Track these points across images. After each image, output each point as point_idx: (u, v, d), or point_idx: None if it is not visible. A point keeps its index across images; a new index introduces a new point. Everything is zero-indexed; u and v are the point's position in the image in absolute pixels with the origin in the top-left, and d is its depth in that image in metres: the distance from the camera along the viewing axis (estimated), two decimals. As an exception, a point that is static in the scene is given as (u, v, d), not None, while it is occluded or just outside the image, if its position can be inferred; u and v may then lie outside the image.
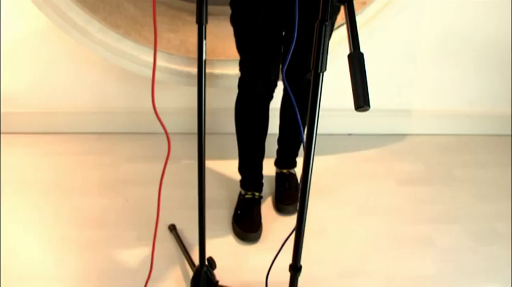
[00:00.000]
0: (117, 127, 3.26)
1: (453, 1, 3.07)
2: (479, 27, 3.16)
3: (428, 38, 3.16)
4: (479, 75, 3.32)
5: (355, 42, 1.12)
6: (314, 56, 1.31)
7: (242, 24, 2.24)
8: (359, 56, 1.10)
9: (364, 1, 2.76)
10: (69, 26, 2.71)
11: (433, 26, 3.13)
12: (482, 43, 3.21)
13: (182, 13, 3.03)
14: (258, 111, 2.47)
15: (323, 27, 1.29)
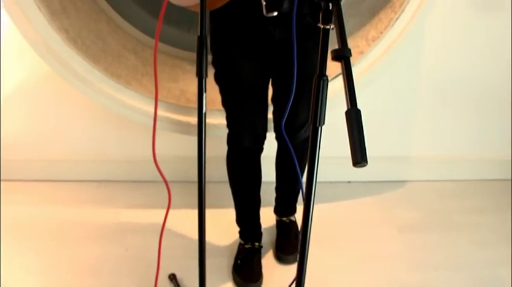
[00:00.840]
0: (117, 175, 3.27)
1: (451, 47, 3.11)
2: (476, 72, 3.19)
3: (425, 84, 3.19)
4: (476, 120, 3.35)
5: (352, 99, 1.13)
6: (313, 110, 1.33)
7: (226, 82, 2.27)
8: (356, 113, 1.11)
9: (361, 50, 2.80)
10: (70, 75, 2.75)
11: (431, 73, 3.17)
12: (480, 88, 3.25)
13: (182, 61, 3.07)
14: (249, 165, 2.49)
15: (321, 82, 1.32)
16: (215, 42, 2.20)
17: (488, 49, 3.16)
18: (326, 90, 1.36)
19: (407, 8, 2.78)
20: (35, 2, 2.68)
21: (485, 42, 3.15)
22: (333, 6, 1.25)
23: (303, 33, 1.93)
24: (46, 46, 2.73)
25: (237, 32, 2.16)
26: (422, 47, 3.09)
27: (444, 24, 3.05)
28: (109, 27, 3.06)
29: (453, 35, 3.11)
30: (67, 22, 2.78)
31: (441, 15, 2.99)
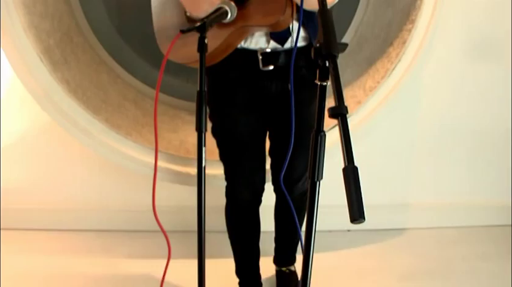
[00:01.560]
0: (116, 224, 3.27)
1: (447, 95, 3.14)
2: (473, 119, 3.22)
3: (423, 132, 3.21)
4: (474, 165, 3.35)
5: (349, 156, 1.14)
6: (311, 165, 1.34)
7: (223, 137, 2.29)
8: (353, 170, 1.12)
9: (359, 100, 2.83)
10: (70, 125, 2.77)
11: (428, 120, 3.19)
12: (477, 134, 3.26)
13: (181, 112, 3.11)
14: (248, 217, 2.50)
15: (318, 137, 1.33)
16: (211, 96, 2.22)
17: (484, 96, 3.19)
18: (324, 145, 1.38)
19: (403, 59, 2.83)
20: (37, 53, 2.74)
21: (480, 90, 3.18)
22: (329, 63, 1.28)
23: (299, 85, 1.97)
24: (47, 96, 2.77)
25: (234, 86, 2.19)
26: (419, 96, 3.12)
27: (439, 73, 3.09)
28: (110, 78, 3.10)
29: (448, 83, 3.14)
30: (68, 73, 2.82)
31: (436, 65, 3.04)
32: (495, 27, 3.08)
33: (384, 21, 3.09)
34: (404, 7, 2.94)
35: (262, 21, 2.00)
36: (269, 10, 1.97)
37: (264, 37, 2.11)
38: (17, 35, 2.72)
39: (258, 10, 1.99)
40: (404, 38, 2.85)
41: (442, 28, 2.95)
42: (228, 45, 2.05)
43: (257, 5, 1.99)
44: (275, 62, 2.09)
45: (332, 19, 1.32)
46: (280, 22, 1.97)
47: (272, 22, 1.98)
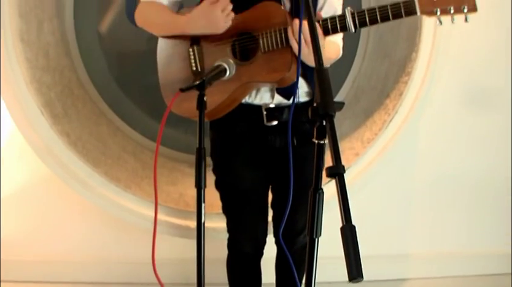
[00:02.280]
0: (116, 277, 3.24)
1: (445, 145, 3.16)
2: (470, 168, 3.23)
3: (421, 182, 3.22)
4: (473, 214, 3.35)
5: (347, 215, 1.16)
6: (309, 222, 1.35)
7: (226, 190, 2.31)
8: (351, 229, 1.14)
9: (357, 152, 2.85)
10: (70, 178, 2.79)
11: (426, 170, 3.20)
12: (475, 183, 3.27)
13: (181, 164, 3.12)
14: (249, 269, 2.48)
15: (316, 195, 1.35)
16: (215, 150, 2.25)
17: (482, 146, 3.21)
18: (322, 203, 1.39)
19: (400, 110, 2.86)
20: (38, 106, 2.77)
21: (478, 139, 3.20)
22: (326, 122, 1.30)
23: (302, 140, 1.99)
24: (48, 149, 2.79)
25: (238, 140, 2.21)
26: (416, 147, 3.14)
27: (436, 123, 3.12)
28: (109, 130, 3.13)
29: (446, 134, 3.17)
30: (68, 126, 2.85)
31: (433, 115, 3.06)
32: (491, 76, 3.13)
33: (381, 73, 3.13)
34: (400, 59, 2.99)
35: (268, 77, 2.04)
36: (275, 67, 2.01)
37: (269, 93, 2.15)
38: (19, 88, 2.76)
39: (263, 67, 2.03)
40: (400, 90, 2.89)
41: (438, 79, 2.98)
42: (233, 100, 2.10)
43: (263, 61, 2.03)
44: (279, 118, 2.13)
45: (329, 78, 1.35)
46: (285, 78, 2.01)
47: (278, 79, 2.02)
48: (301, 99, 2.17)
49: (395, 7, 1.90)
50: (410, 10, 1.90)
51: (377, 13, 1.91)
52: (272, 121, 2.13)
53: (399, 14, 1.91)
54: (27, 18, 2.78)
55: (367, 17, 1.92)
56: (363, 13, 1.93)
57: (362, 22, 1.93)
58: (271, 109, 2.14)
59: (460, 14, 1.88)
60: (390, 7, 1.90)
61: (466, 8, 1.86)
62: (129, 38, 3.39)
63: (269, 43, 2.01)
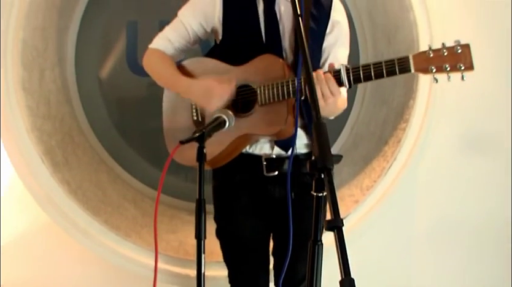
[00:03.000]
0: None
1: (444, 192, 3.16)
2: (470, 214, 3.21)
3: (421, 228, 3.20)
4: (473, 259, 3.32)
5: (346, 268, 1.17)
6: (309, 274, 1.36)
7: (227, 239, 2.31)
8: (350, 283, 1.14)
9: (356, 199, 2.86)
10: (70, 226, 2.79)
11: (425, 216, 3.19)
12: (475, 230, 3.25)
13: (181, 212, 3.12)
14: None
15: (315, 247, 1.36)
16: (216, 199, 2.27)
17: (482, 191, 3.20)
18: (321, 255, 1.40)
19: (398, 157, 2.88)
20: (38, 154, 2.79)
21: (477, 184, 3.19)
22: (324, 176, 1.32)
23: (303, 191, 2.00)
24: (48, 197, 2.80)
25: (238, 190, 2.23)
26: (415, 193, 3.14)
27: (435, 170, 3.12)
28: (109, 177, 3.15)
29: (445, 179, 3.16)
30: (68, 174, 2.87)
31: (432, 161, 3.07)
32: (489, 121, 3.14)
33: (379, 119, 3.16)
34: (397, 106, 3.02)
35: (265, 130, 2.08)
36: (272, 120, 2.05)
37: (269, 143, 2.18)
38: (20, 136, 2.78)
39: (261, 120, 2.07)
40: (399, 137, 2.91)
41: (435, 125, 3.00)
42: (232, 150, 2.13)
43: (260, 114, 2.07)
44: (279, 169, 2.14)
45: (326, 132, 1.37)
46: (282, 132, 2.04)
47: (274, 132, 2.06)
48: (301, 151, 2.20)
49: (390, 64, 1.91)
50: (404, 67, 1.90)
51: (371, 70, 1.92)
52: (272, 171, 2.15)
53: (393, 71, 1.91)
54: (29, 66, 2.82)
55: (361, 74, 1.93)
56: (357, 69, 1.94)
57: (356, 79, 1.95)
58: (271, 159, 2.16)
59: (456, 72, 1.88)
60: (384, 63, 1.91)
61: (463, 66, 1.87)
62: (129, 85, 3.43)
63: (266, 96, 2.04)
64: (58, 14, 3.01)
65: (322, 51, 2.23)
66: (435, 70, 1.89)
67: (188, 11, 2.28)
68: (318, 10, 2.19)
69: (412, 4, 2.90)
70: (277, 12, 2.18)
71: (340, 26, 2.25)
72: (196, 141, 1.64)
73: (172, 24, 2.31)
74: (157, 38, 2.32)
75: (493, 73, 3.10)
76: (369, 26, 3.30)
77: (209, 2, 2.23)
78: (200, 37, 2.30)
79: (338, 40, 2.25)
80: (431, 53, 1.89)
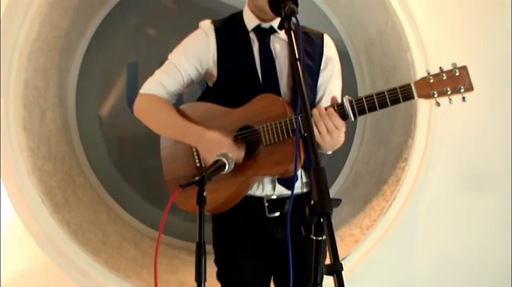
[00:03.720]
0: None
1: (444, 230, 3.15)
2: (471, 252, 3.20)
3: (421, 267, 3.19)
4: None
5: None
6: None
7: (228, 282, 2.27)
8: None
9: (357, 239, 2.86)
10: (70, 267, 2.78)
11: (425, 255, 3.17)
12: (476, 268, 3.24)
13: (180, 252, 3.11)
14: None
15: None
16: (217, 241, 2.25)
17: (482, 229, 3.19)
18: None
19: (398, 197, 2.89)
20: (39, 195, 2.79)
21: (477, 222, 3.19)
22: (324, 220, 1.32)
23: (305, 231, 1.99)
24: (47, 238, 2.80)
25: (239, 232, 2.21)
26: (415, 232, 3.13)
27: (435, 208, 3.12)
28: (109, 218, 3.14)
29: (444, 218, 3.16)
30: (68, 214, 2.87)
31: (431, 200, 3.07)
32: (488, 159, 3.14)
33: (378, 159, 3.17)
34: (396, 146, 3.04)
35: (272, 170, 2.07)
36: (278, 160, 2.04)
37: (271, 184, 2.18)
38: (20, 176, 2.79)
39: (266, 160, 2.06)
40: (398, 176, 2.93)
41: (434, 164, 3.01)
42: (238, 194, 2.12)
43: (265, 154, 2.06)
44: (281, 209, 2.14)
45: (325, 176, 1.38)
46: (289, 170, 2.02)
47: (282, 171, 2.05)
48: (302, 190, 2.20)
49: (393, 93, 1.92)
50: (407, 94, 1.92)
51: (375, 100, 1.93)
52: (274, 212, 2.14)
53: (397, 99, 1.93)
54: (30, 107, 2.84)
55: (365, 105, 1.95)
56: (361, 100, 1.95)
57: (361, 110, 1.96)
58: (272, 200, 2.16)
59: (457, 94, 1.91)
60: (387, 93, 1.92)
61: (463, 88, 1.90)
62: (129, 125, 3.45)
63: (270, 137, 2.04)
64: (60, 55, 3.04)
65: (318, 88, 2.24)
66: (437, 94, 1.92)
67: (180, 54, 2.25)
68: (312, 46, 2.21)
69: (409, 45, 2.94)
70: (273, 51, 2.18)
71: (333, 62, 2.26)
72: (196, 185, 1.64)
73: (164, 68, 2.27)
74: (148, 83, 2.27)
75: (491, 111, 3.12)
76: (367, 66, 3.34)
77: (202, 44, 2.21)
78: (193, 80, 2.27)
79: (332, 75, 2.25)
80: (431, 78, 1.93)
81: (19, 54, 2.78)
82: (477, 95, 2.90)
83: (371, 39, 3.19)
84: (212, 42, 2.19)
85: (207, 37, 2.20)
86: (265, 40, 2.18)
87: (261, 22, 2.18)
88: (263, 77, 2.16)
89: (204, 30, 2.23)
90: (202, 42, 2.21)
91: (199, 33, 2.25)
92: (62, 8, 2.88)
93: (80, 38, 3.27)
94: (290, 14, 1.75)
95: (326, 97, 2.21)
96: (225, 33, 2.20)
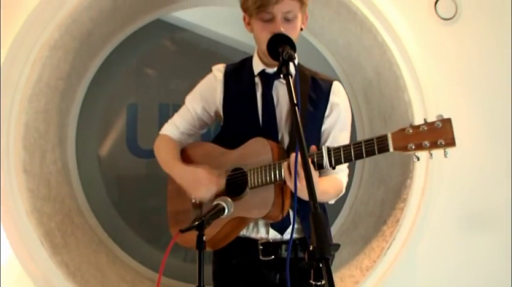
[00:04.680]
0: None
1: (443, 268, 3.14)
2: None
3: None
4: None
5: None
6: None
7: None
8: None
9: (357, 280, 2.85)
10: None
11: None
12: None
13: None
14: None
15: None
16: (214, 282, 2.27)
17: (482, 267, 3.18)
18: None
19: (397, 237, 2.89)
20: (38, 236, 2.78)
21: (477, 260, 3.18)
22: (323, 265, 1.33)
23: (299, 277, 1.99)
24: (46, 279, 2.79)
25: (236, 274, 2.22)
26: (416, 272, 3.12)
27: (435, 248, 3.12)
28: (108, 259, 3.13)
29: (445, 257, 3.15)
30: (67, 256, 2.86)
31: (431, 240, 3.07)
32: (487, 197, 3.16)
33: (377, 199, 3.18)
34: (395, 186, 3.05)
35: (254, 213, 2.09)
36: (260, 203, 2.06)
37: (265, 227, 2.19)
38: (19, 218, 2.79)
39: (250, 202, 2.09)
40: (397, 216, 2.93)
41: (433, 204, 3.02)
42: (229, 232, 2.14)
43: (250, 197, 2.09)
44: (275, 253, 2.14)
45: (324, 221, 1.39)
46: (270, 214, 2.04)
47: (261, 215, 2.06)
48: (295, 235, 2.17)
49: (369, 144, 1.87)
50: (383, 146, 1.84)
51: (351, 151, 1.91)
52: (268, 256, 2.15)
53: (372, 151, 1.87)
54: (30, 149, 2.85)
55: (342, 154, 1.93)
56: (338, 150, 1.94)
57: (337, 160, 1.94)
58: (267, 244, 2.16)
59: (437, 149, 1.77)
60: (364, 143, 1.88)
61: (443, 142, 1.74)
62: (128, 166, 3.47)
63: (255, 180, 2.07)
64: (60, 96, 3.06)
65: (321, 134, 2.25)
66: (414, 147, 1.78)
67: (192, 97, 2.39)
68: (316, 93, 2.23)
69: (406, 85, 2.97)
70: (275, 96, 2.22)
71: (339, 109, 2.27)
72: (195, 230, 1.65)
73: (180, 110, 2.42)
74: (166, 125, 2.43)
75: (490, 149, 3.14)
76: (365, 106, 3.37)
77: (210, 87, 2.32)
78: (205, 121, 2.40)
79: (337, 122, 2.27)
80: (410, 129, 1.80)
81: (21, 96, 2.80)
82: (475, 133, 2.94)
83: (368, 80, 3.22)
84: (220, 84, 2.29)
85: (216, 80, 2.31)
86: (268, 85, 2.23)
87: (266, 67, 2.23)
88: (263, 121, 2.20)
89: (214, 73, 2.34)
90: (211, 84, 2.33)
91: (209, 76, 2.37)
92: (64, 51, 2.91)
93: (81, 80, 3.30)
94: (288, 59, 1.77)
95: (330, 143, 2.22)
96: (233, 76, 2.29)
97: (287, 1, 2.04)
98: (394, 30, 3.03)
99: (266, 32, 2.04)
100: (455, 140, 1.74)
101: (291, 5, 2.06)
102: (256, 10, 2.07)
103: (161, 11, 3.38)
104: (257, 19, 2.10)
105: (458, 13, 3.16)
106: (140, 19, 3.34)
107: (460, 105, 3.09)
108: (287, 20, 2.07)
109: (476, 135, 3.09)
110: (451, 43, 3.16)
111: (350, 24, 3.09)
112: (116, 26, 3.21)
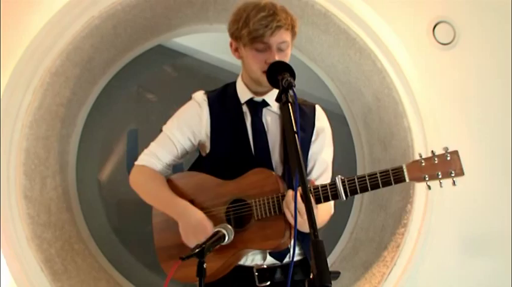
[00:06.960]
0: None
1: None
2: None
3: None
4: None
5: None
6: None
7: None
8: None
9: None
10: None
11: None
12: None
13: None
14: None
15: None
16: None
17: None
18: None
19: (398, 262, 2.89)
20: (38, 263, 2.78)
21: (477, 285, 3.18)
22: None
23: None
24: (46, 306, 2.77)
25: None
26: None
27: (435, 273, 3.11)
28: (109, 285, 3.13)
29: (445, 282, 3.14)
30: (67, 282, 2.85)
31: (431, 265, 3.06)
32: (487, 222, 3.15)
33: (378, 224, 3.18)
34: (395, 212, 3.05)
35: (262, 245, 2.06)
36: (269, 235, 2.03)
37: (261, 254, 2.16)
38: (19, 244, 2.79)
39: (257, 234, 2.05)
40: (397, 242, 2.93)
41: (434, 229, 3.02)
42: (228, 266, 2.10)
43: (256, 229, 2.06)
44: (271, 278, 2.11)
45: (324, 250, 1.39)
46: (280, 245, 2.02)
47: (272, 246, 2.04)
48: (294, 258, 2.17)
49: (385, 175, 1.94)
50: (399, 177, 1.94)
51: (367, 181, 1.95)
52: (264, 282, 2.12)
53: (388, 182, 1.95)
54: (31, 175, 2.85)
55: (357, 185, 1.96)
56: (353, 181, 1.97)
57: (353, 191, 1.97)
58: (262, 270, 2.13)
59: (448, 178, 1.92)
60: (379, 174, 1.94)
61: (454, 172, 1.90)
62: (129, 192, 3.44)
63: (262, 211, 2.04)
64: (61, 123, 3.08)
65: (308, 159, 2.24)
66: (428, 178, 1.93)
67: (174, 126, 2.28)
68: (303, 119, 2.21)
69: (405, 111, 2.99)
70: (265, 124, 2.20)
71: (324, 133, 2.28)
72: (196, 257, 1.64)
73: (158, 140, 2.30)
74: (143, 155, 2.31)
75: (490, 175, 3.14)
76: (365, 133, 3.38)
77: (195, 115, 2.24)
78: (187, 151, 2.30)
79: (323, 145, 2.27)
80: (423, 161, 1.94)
81: (22, 123, 2.81)
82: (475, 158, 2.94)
83: (368, 105, 3.24)
84: (205, 113, 2.22)
85: (201, 108, 2.24)
86: (257, 114, 2.20)
87: (254, 95, 2.21)
88: (255, 150, 2.18)
89: (197, 101, 2.26)
90: (195, 113, 2.24)
91: (192, 104, 2.28)
92: (65, 78, 2.93)
93: (81, 106, 3.31)
94: (287, 87, 1.78)
95: (318, 167, 2.24)
96: (218, 105, 2.23)
97: (281, 32, 2.05)
98: (393, 55, 3.05)
99: (258, 61, 2.06)
100: (463, 171, 1.91)
101: (286, 36, 2.07)
102: (251, 40, 2.06)
103: (161, 38, 3.40)
104: (251, 48, 2.09)
105: (457, 38, 3.18)
106: (140, 46, 3.36)
107: (459, 131, 3.10)
108: (280, 50, 2.07)
109: (476, 160, 3.09)
110: (450, 68, 3.18)
111: (349, 50, 3.11)
112: (116, 53, 3.23)
